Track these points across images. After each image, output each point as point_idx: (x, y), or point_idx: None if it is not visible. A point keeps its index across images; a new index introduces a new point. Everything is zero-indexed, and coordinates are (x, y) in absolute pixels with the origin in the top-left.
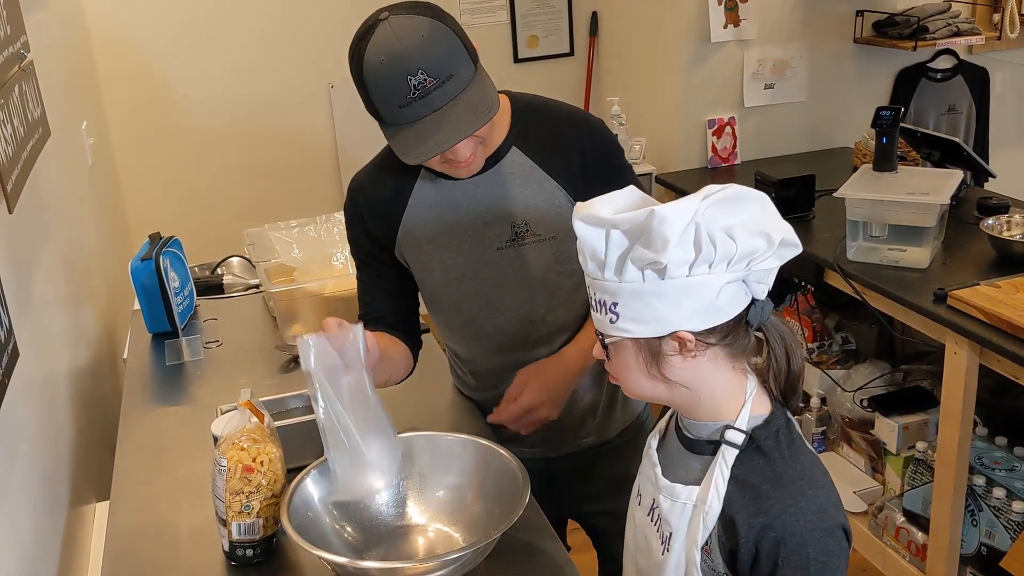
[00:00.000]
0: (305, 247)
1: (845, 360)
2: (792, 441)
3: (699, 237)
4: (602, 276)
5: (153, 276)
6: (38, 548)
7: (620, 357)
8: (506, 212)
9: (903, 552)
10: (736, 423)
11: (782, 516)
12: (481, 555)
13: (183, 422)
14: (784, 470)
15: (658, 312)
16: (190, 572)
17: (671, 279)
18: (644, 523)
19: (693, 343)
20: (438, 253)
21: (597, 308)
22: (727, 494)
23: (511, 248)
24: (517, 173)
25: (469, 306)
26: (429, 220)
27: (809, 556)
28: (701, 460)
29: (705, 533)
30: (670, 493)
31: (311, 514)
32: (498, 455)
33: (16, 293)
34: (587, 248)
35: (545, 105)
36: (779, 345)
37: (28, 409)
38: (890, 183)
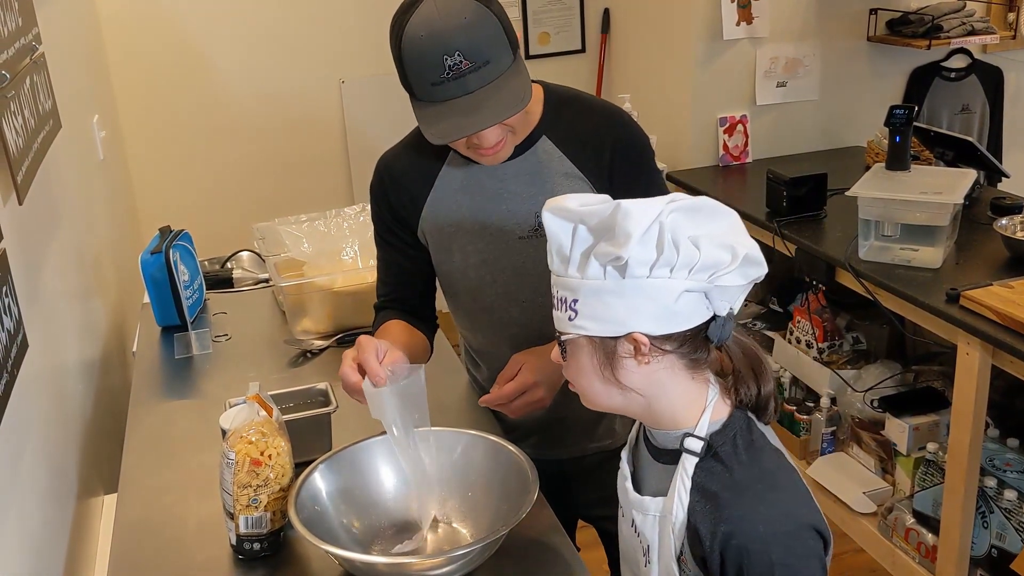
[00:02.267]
0: (315, 241)
1: (856, 360)
2: (751, 443)
3: (662, 238)
4: (565, 272)
5: (163, 269)
6: (47, 539)
7: (575, 358)
8: (530, 201)
9: (913, 553)
10: (695, 430)
11: (741, 523)
12: (488, 551)
13: (191, 415)
14: (742, 476)
15: (616, 311)
16: (197, 565)
17: (632, 278)
18: (629, 534)
19: (647, 347)
20: (460, 238)
21: (558, 306)
22: (690, 503)
23: (533, 238)
24: (545, 163)
25: (487, 294)
26: (454, 204)
27: (773, 561)
28: (667, 470)
29: (677, 543)
30: (639, 506)
31: (319, 508)
32: (507, 451)
33: (26, 285)
34: (554, 243)
35: (579, 98)
36: (747, 370)
37: (37, 401)
38: (903, 182)
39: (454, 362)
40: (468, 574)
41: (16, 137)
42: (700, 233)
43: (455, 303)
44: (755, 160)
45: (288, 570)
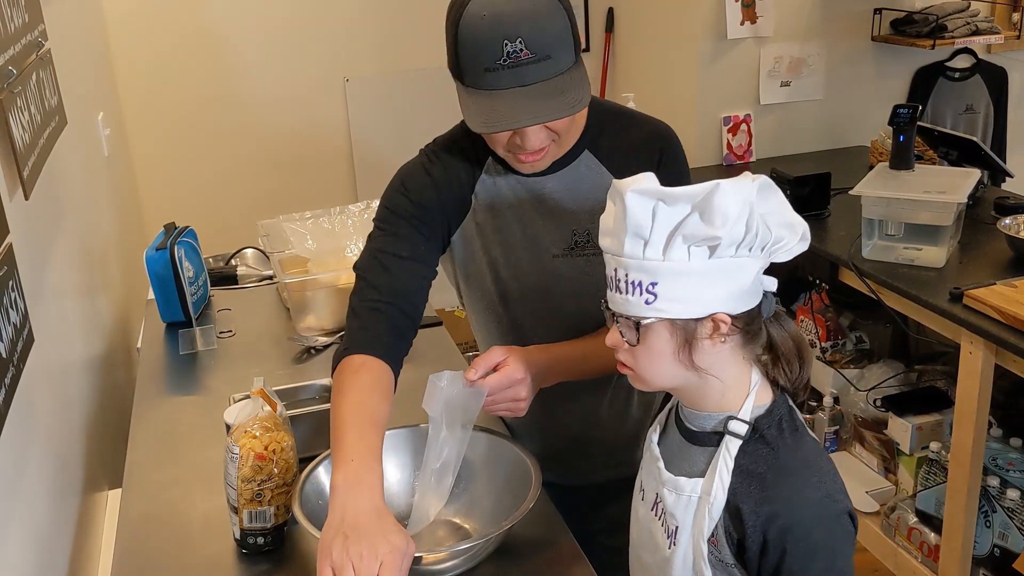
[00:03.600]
0: (319, 238)
1: (859, 359)
2: (795, 429)
3: (751, 219)
4: (642, 255)
5: (168, 266)
6: (52, 533)
7: (650, 341)
8: (569, 218)
9: (915, 553)
10: (739, 413)
11: (787, 504)
12: (491, 547)
13: (196, 411)
14: (788, 459)
15: (699, 292)
16: (201, 560)
17: (718, 258)
18: (648, 518)
19: (728, 326)
20: (491, 249)
21: (627, 290)
22: (732, 485)
23: (568, 257)
24: (587, 178)
25: (513, 311)
26: (488, 213)
27: (817, 543)
28: (704, 452)
29: (711, 525)
30: (674, 487)
31: (322, 503)
32: (510, 449)
33: (32, 280)
34: (632, 223)
35: (624, 113)
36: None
37: (43, 396)
38: (907, 181)
39: (460, 363)
40: (470, 570)
41: (23, 133)
42: (766, 211)
43: (478, 315)
44: (759, 159)
45: (291, 564)
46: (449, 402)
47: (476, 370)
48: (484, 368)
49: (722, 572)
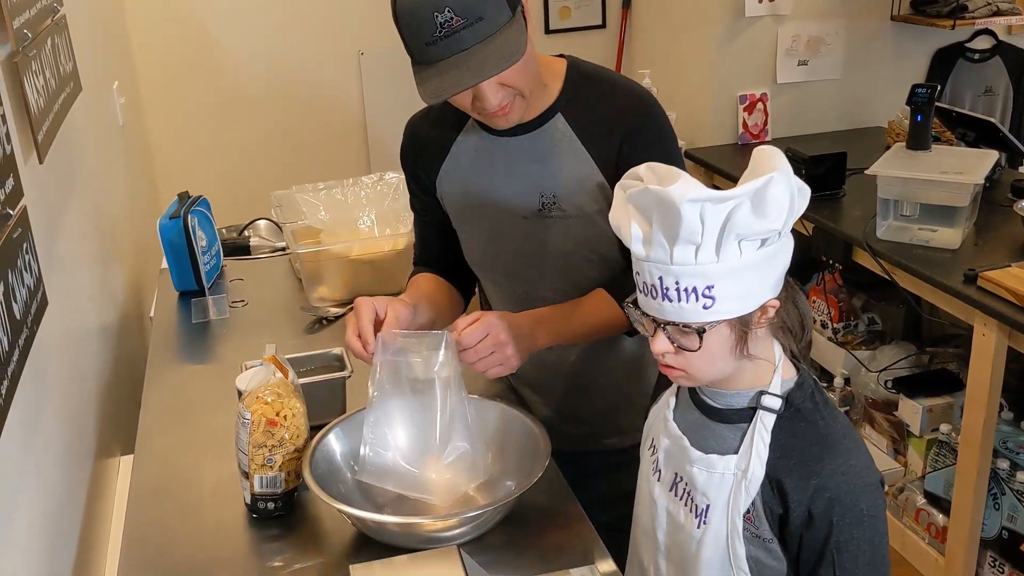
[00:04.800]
0: (332, 210)
1: (871, 341)
2: (826, 402)
3: (793, 199)
4: (695, 260)
5: (181, 234)
6: (64, 495)
7: (709, 343)
8: (536, 181)
9: (923, 534)
10: (770, 388)
11: (835, 476)
12: (500, 515)
13: (208, 379)
14: (828, 431)
15: (754, 286)
16: (212, 525)
17: (766, 248)
18: (668, 500)
19: (776, 310)
20: (469, 211)
21: (680, 297)
22: (770, 459)
23: (536, 220)
24: (556, 142)
25: (492, 269)
26: (464, 176)
27: (863, 512)
28: (733, 428)
29: (748, 500)
30: (706, 464)
31: (332, 469)
32: (520, 419)
33: (46, 244)
34: (686, 231)
35: (604, 77)
36: (790, 302)
37: (56, 361)
38: (923, 162)
39: None
40: (479, 537)
41: (37, 97)
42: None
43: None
44: (775, 139)
45: (301, 530)
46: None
47: (455, 329)
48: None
49: (758, 547)
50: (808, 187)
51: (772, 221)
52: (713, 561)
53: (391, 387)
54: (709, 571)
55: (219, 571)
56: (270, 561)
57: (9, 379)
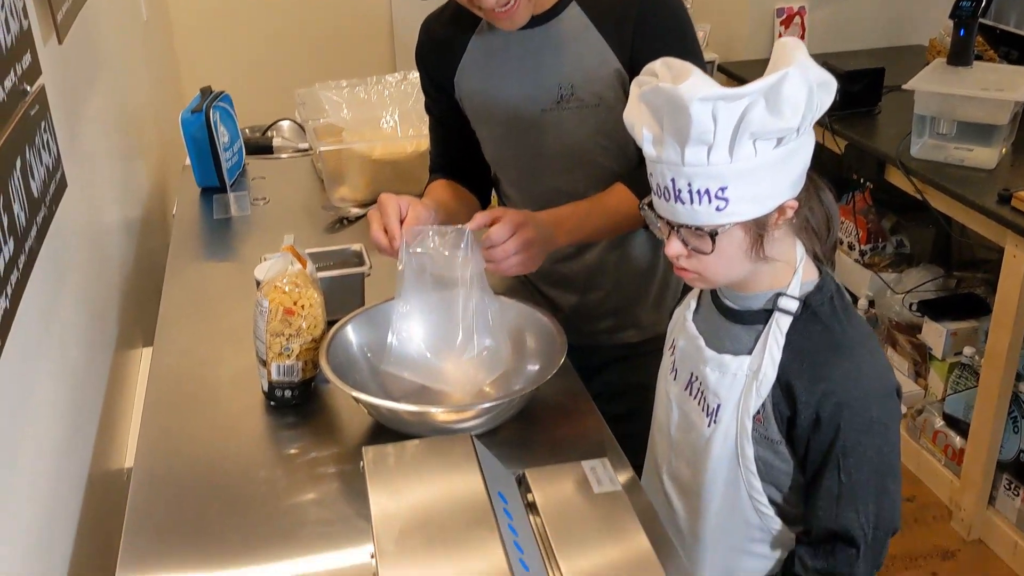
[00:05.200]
0: (355, 108)
1: (898, 264)
2: (846, 307)
3: (811, 96)
4: (707, 160)
5: (203, 129)
6: (86, 380)
7: (722, 246)
8: (554, 71)
9: (939, 456)
10: (788, 290)
11: (845, 381)
12: (513, 409)
13: (228, 274)
14: (843, 336)
15: (769, 186)
16: (230, 411)
17: (783, 147)
18: (683, 398)
19: (794, 211)
20: (487, 108)
21: (693, 199)
22: (783, 361)
23: (555, 111)
24: (572, 31)
25: (512, 167)
26: (483, 72)
27: (872, 418)
28: (749, 330)
29: (758, 402)
30: (719, 364)
31: (350, 360)
32: (535, 315)
33: (66, 129)
34: (697, 130)
35: None
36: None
37: (77, 247)
38: (963, 78)
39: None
40: (492, 430)
41: None
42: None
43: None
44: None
45: (318, 419)
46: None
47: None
48: (481, 222)
49: (766, 449)
50: (834, 80)
51: (788, 119)
52: (722, 460)
53: (416, 282)
54: (718, 470)
55: (235, 457)
56: (286, 448)
57: (27, 254)
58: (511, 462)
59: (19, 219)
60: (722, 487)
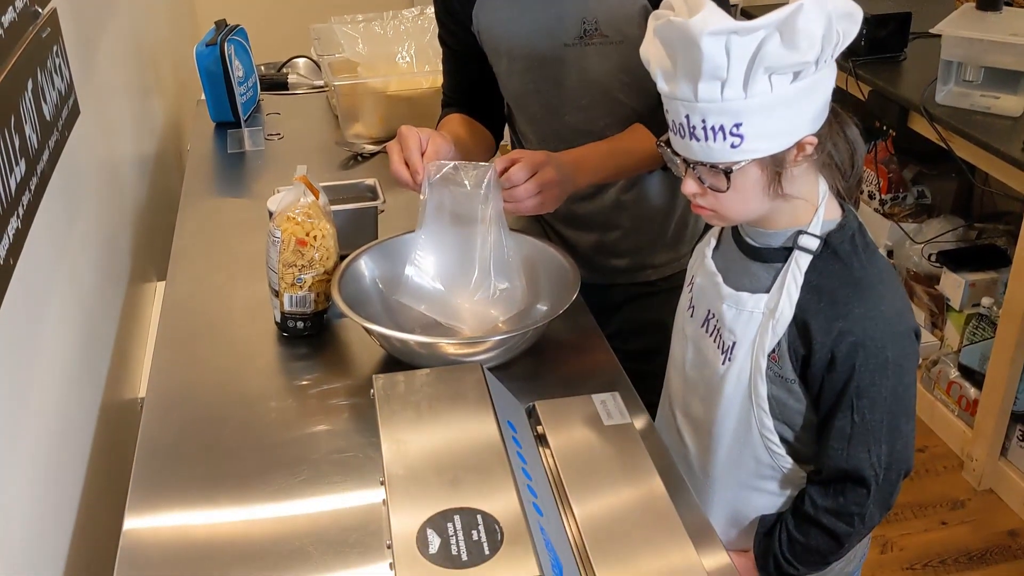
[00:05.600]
0: (370, 43)
1: (918, 214)
2: (867, 245)
3: (829, 28)
4: (721, 96)
5: (218, 62)
6: (100, 308)
7: (738, 183)
8: (579, 6)
9: (952, 406)
10: (809, 228)
11: (862, 321)
12: (525, 343)
13: (241, 208)
14: (862, 274)
15: (786, 122)
16: (242, 342)
17: (800, 81)
18: (698, 335)
19: (814, 147)
20: (507, 41)
21: (707, 136)
22: (800, 300)
23: (577, 46)
24: None
25: (531, 102)
26: (504, 3)
27: (888, 359)
28: (768, 268)
29: (774, 340)
30: (735, 302)
31: (362, 291)
32: (549, 252)
33: (80, 58)
34: (708, 66)
35: None
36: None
37: (91, 178)
38: (993, 23)
39: None
40: (504, 364)
41: None
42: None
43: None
44: None
45: (330, 352)
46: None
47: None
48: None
49: (780, 387)
50: (859, 9)
51: (803, 53)
52: (735, 398)
53: (436, 215)
54: (730, 408)
55: (247, 388)
56: (298, 379)
57: (39, 177)
58: (522, 394)
59: (31, 141)
60: (734, 424)
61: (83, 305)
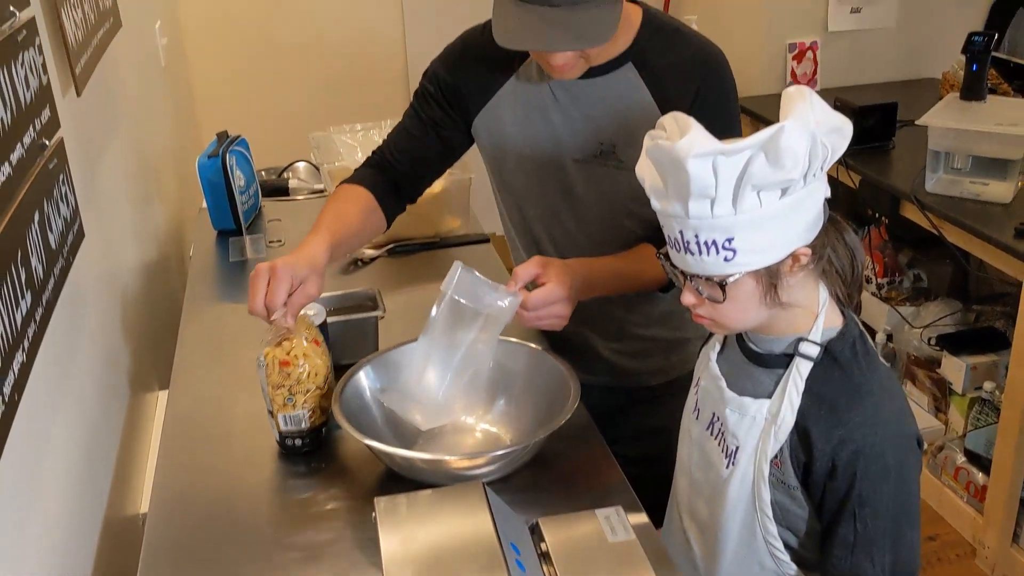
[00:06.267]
0: (369, 151)
1: (915, 298)
2: (867, 352)
3: (815, 146)
4: (711, 214)
5: (219, 173)
6: (102, 427)
7: (735, 294)
8: (598, 125)
9: (961, 492)
10: (810, 335)
11: (862, 428)
12: (526, 456)
13: (243, 317)
14: (862, 382)
15: (778, 235)
16: (242, 458)
17: (790, 196)
18: (703, 438)
19: (808, 257)
20: (519, 141)
21: (701, 251)
22: (801, 406)
23: (590, 165)
24: (624, 90)
25: (531, 207)
26: (521, 106)
27: (889, 466)
28: (770, 373)
29: (776, 446)
30: (738, 407)
31: (363, 406)
32: (549, 361)
33: (85, 178)
34: (696, 186)
35: (679, 31)
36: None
37: (94, 293)
38: (977, 112)
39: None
40: (506, 477)
41: (75, 29)
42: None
43: (502, 208)
44: (824, 88)
45: (330, 466)
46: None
47: (516, 281)
48: (524, 279)
49: (783, 494)
50: (848, 124)
51: (789, 171)
52: (739, 503)
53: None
54: (735, 512)
55: (249, 503)
56: (300, 494)
57: (44, 307)
58: (525, 509)
59: (37, 272)
60: (738, 529)
61: (86, 424)
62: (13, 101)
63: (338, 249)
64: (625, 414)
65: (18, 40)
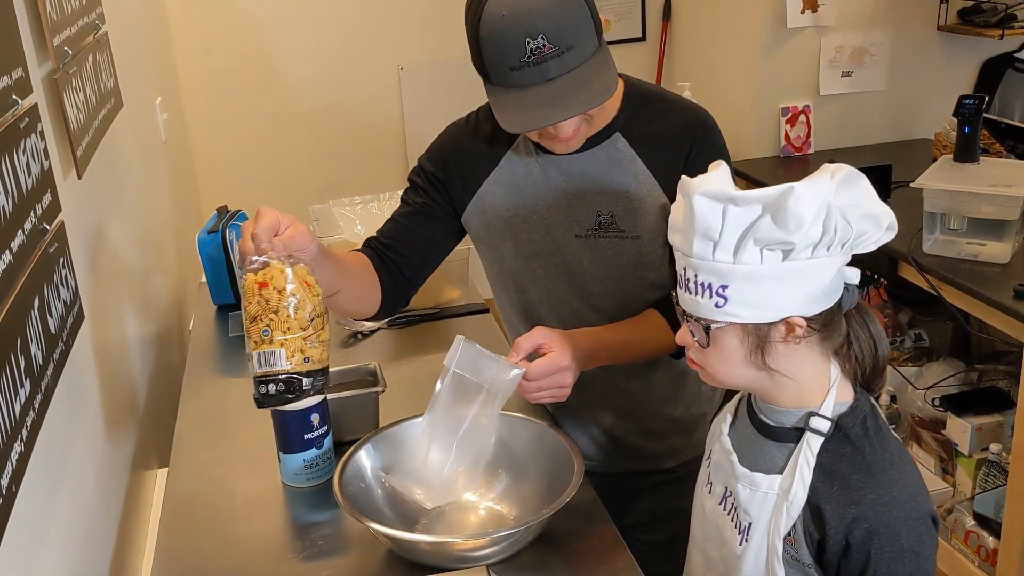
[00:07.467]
0: (368, 224)
1: (917, 358)
2: (879, 428)
3: (829, 218)
4: (711, 256)
5: (219, 248)
6: (100, 509)
7: (721, 344)
8: (594, 198)
9: (972, 556)
10: (820, 410)
11: (875, 507)
12: (531, 535)
13: (243, 392)
14: (874, 459)
15: (772, 296)
16: (244, 540)
17: (792, 261)
18: (716, 513)
19: (803, 329)
20: (515, 226)
21: (697, 291)
22: (813, 483)
23: (591, 238)
24: (616, 160)
25: (533, 289)
26: (514, 190)
27: (904, 546)
28: (781, 448)
29: (789, 523)
30: (749, 482)
31: (363, 485)
32: (553, 436)
33: (85, 258)
34: (701, 225)
35: (661, 96)
36: (864, 331)
37: (93, 373)
38: (971, 174)
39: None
40: (511, 557)
41: (77, 113)
42: (846, 204)
43: (501, 295)
44: (818, 151)
45: (333, 547)
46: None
47: (517, 352)
48: (526, 350)
49: (797, 571)
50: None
51: (791, 233)
52: None
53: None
54: None
55: None
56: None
57: (43, 393)
58: None
59: (36, 359)
60: None
61: (84, 505)
62: (15, 187)
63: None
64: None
65: (20, 127)
